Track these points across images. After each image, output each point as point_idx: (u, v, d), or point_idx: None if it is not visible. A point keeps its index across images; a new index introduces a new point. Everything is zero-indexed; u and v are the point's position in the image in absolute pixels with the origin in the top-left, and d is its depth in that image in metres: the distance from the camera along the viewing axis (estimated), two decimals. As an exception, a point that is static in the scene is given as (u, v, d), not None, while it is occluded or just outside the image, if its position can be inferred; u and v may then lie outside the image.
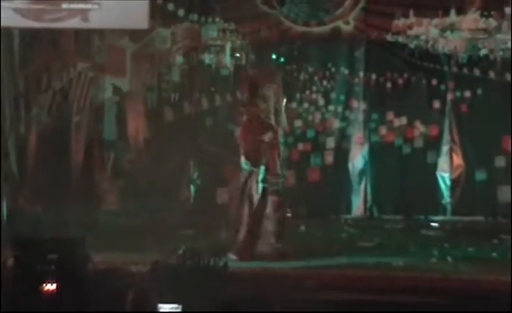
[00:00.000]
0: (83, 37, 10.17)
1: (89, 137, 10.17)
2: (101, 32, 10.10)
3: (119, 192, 10.04)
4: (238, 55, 9.68)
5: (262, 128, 7.10)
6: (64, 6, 9.67)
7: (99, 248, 6.39)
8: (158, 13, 10.03)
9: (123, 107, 10.21)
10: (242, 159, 7.17)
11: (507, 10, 9.67)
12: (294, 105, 10.07)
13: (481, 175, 9.68)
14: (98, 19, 9.62)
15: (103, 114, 10.22)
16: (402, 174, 9.80)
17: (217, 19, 10.07)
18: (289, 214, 7.45)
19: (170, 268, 5.54)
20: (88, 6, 9.61)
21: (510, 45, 9.66)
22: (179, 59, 10.18)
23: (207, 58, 10.13)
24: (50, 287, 5.48)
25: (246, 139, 7.18)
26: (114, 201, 10.00)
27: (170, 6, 10.02)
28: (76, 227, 7.84)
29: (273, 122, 7.21)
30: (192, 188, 10.04)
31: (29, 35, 10.14)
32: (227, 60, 10.09)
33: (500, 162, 9.68)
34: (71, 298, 5.44)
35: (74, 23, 9.72)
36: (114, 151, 10.20)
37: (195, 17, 10.08)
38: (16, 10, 9.62)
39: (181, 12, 10.06)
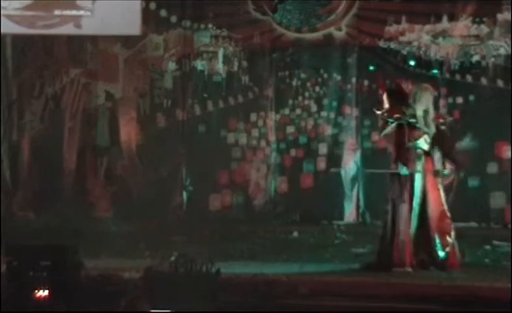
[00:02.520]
0: (76, 43, 10.16)
1: (82, 144, 10.16)
2: (93, 39, 10.10)
3: (112, 198, 10.03)
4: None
5: (414, 134, 6.98)
6: (57, 12, 9.68)
7: (92, 255, 6.37)
8: (151, 19, 10.04)
9: (116, 113, 10.21)
10: (399, 165, 6.96)
11: (499, 16, 9.72)
12: (287, 111, 10.11)
13: (473, 182, 9.71)
14: (90, 26, 9.64)
15: (96, 120, 10.22)
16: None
17: (210, 26, 10.09)
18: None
19: (162, 274, 5.53)
20: (81, 12, 9.62)
21: (502, 52, 9.71)
22: (171, 65, 10.18)
23: (199, 64, 10.15)
24: (43, 293, 5.46)
25: (397, 145, 7.01)
26: (107, 207, 9.98)
27: (163, 13, 10.04)
28: (69, 233, 7.81)
29: (423, 128, 6.97)
30: (185, 194, 10.03)
31: (22, 42, 10.13)
32: (220, 66, 10.11)
33: (493, 168, 9.71)
34: (63, 305, 5.42)
35: (67, 29, 9.74)
36: (107, 157, 10.19)
37: (187, 23, 10.10)
38: (9, 17, 9.61)
39: (173, 19, 10.07)
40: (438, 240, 6.85)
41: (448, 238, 6.85)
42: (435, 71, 9.75)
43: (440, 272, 6.78)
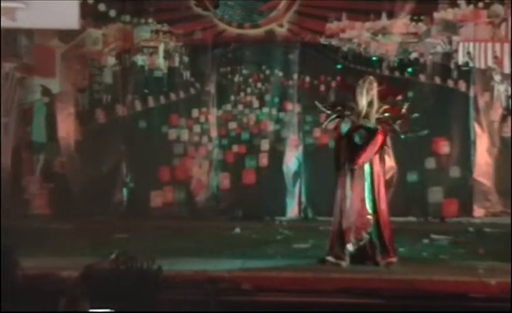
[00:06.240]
0: (10, 37, 9.89)
1: (17, 140, 9.92)
2: (29, 32, 9.86)
3: (49, 196, 9.82)
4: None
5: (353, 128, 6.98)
6: (-10, 5, 9.40)
7: (29, 254, 6.21)
8: (89, 13, 9.87)
9: (53, 108, 10.01)
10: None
11: (436, 15, 9.97)
12: (229, 107, 10.08)
13: (412, 177, 9.88)
14: (25, 19, 9.42)
15: (32, 116, 9.98)
16: (336, 176, 9.88)
17: (150, 21, 10.00)
18: None
19: (102, 273, 5.42)
20: (15, 4, 9.38)
21: (439, 49, 9.96)
22: (111, 60, 10.04)
23: (140, 59, 10.03)
24: (-23, 294, 5.28)
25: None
26: (45, 204, 9.77)
27: (102, 7, 9.88)
28: (4, 232, 7.58)
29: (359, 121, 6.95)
30: (125, 191, 9.89)
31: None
32: (161, 61, 10.01)
33: (430, 163, 9.92)
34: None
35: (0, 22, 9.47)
36: (44, 154, 9.97)
37: (127, 18, 9.97)
38: None
39: (112, 13, 9.93)
40: (352, 234, 6.94)
41: (364, 233, 6.93)
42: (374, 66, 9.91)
43: (378, 267, 6.86)
